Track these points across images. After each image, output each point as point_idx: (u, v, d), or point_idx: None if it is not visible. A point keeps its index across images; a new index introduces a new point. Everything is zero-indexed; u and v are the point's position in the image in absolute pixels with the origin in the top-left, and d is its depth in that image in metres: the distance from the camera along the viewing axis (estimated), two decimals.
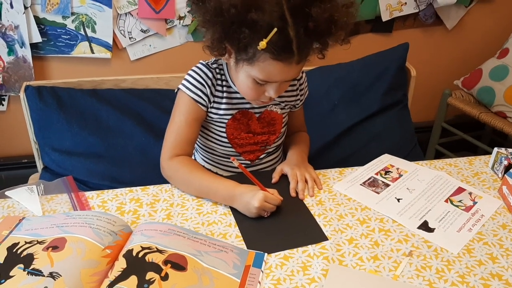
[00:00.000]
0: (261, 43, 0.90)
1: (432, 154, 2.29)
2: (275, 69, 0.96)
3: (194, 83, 1.11)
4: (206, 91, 1.11)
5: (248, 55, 0.96)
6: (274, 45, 0.91)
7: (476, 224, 1.00)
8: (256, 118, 1.18)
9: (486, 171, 1.20)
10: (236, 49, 0.98)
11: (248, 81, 1.02)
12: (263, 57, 0.95)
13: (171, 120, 1.14)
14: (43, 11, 1.71)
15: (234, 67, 1.04)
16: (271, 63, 0.95)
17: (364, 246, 0.92)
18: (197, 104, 1.11)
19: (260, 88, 1.03)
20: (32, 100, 1.46)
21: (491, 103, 2.01)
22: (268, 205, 0.98)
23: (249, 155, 1.22)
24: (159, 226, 0.90)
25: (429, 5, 2.06)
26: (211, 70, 1.12)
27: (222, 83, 1.13)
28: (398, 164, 1.22)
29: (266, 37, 0.90)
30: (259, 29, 0.91)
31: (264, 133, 1.20)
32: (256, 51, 0.94)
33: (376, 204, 1.06)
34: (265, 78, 0.99)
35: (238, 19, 0.91)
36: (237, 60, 1.01)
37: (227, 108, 1.14)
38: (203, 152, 1.25)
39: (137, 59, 1.89)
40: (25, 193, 1.03)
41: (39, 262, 0.79)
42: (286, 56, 0.94)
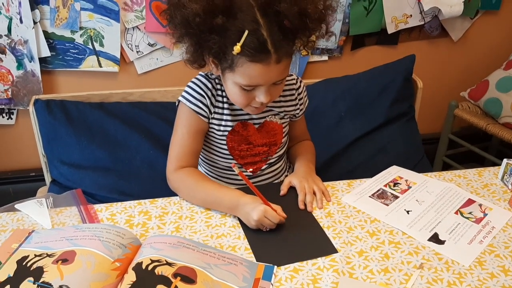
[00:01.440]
0: (235, 47, 0.92)
1: (439, 165, 2.28)
2: (255, 71, 0.96)
3: (194, 95, 1.11)
4: (206, 102, 1.11)
5: (227, 63, 0.97)
6: (248, 47, 0.92)
7: (487, 236, 1.00)
8: (255, 129, 1.18)
9: (495, 182, 1.19)
10: (215, 58, 0.99)
11: (235, 88, 1.02)
12: (241, 62, 0.95)
13: (174, 133, 1.14)
14: (52, 26, 1.73)
15: (222, 78, 1.05)
16: (249, 65, 0.95)
17: (374, 259, 0.92)
18: (198, 116, 1.12)
19: (249, 94, 1.03)
20: (41, 114, 1.47)
21: (498, 114, 2.00)
22: (266, 221, 0.97)
23: (251, 166, 1.22)
24: (168, 238, 0.90)
25: (435, 17, 2.07)
26: (211, 81, 1.12)
27: (222, 94, 1.13)
28: (406, 176, 1.21)
29: (239, 41, 0.91)
30: (230, 33, 0.92)
31: (265, 144, 1.20)
32: (234, 57, 0.95)
33: (385, 216, 1.05)
34: (248, 82, 0.99)
35: (205, 27, 0.92)
36: (221, 70, 1.02)
37: (228, 119, 1.14)
38: (206, 165, 1.26)
39: (144, 72, 1.90)
40: (34, 206, 1.03)
41: (49, 275, 0.79)
42: (263, 57, 0.94)
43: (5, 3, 1.68)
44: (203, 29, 0.93)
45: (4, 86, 1.81)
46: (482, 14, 2.17)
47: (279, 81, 1.03)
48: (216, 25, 0.92)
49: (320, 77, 1.81)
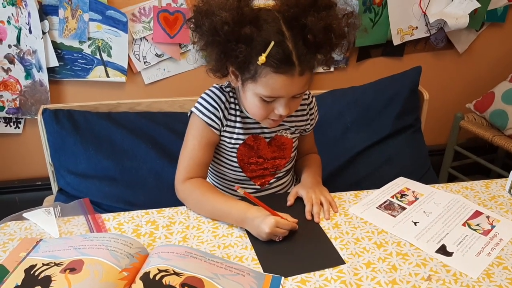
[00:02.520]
0: (260, 57, 0.92)
1: (445, 177, 2.27)
2: (278, 82, 0.97)
3: (207, 107, 1.11)
4: (219, 115, 1.11)
5: (250, 73, 0.97)
6: (273, 58, 0.93)
7: (495, 248, 0.99)
8: (266, 143, 1.18)
9: (503, 194, 1.19)
10: (238, 68, 0.99)
11: (255, 99, 1.02)
12: (264, 72, 0.96)
13: (185, 144, 1.14)
14: (60, 36, 1.75)
15: (242, 89, 1.05)
16: (273, 76, 0.96)
17: (382, 270, 0.91)
18: (210, 128, 1.12)
19: (268, 106, 1.03)
20: (49, 123, 1.48)
21: (504, 126, 2.00)
22: (279, 230, 0.97)
23: (259, 180, 1.22)
24: (176, 248, 0.90)
25: (440, 29, 2.08)
26: (224, 94, 1.13)
27: (235, 107, 1.13)
28: (414, 187, 1.21)
29: (265, 52, 0.92)
30: (256, 44, 0.93)
31: (275, 158, 1.20)
32: (258, 67, 0.95)
33: (392, 227, 1.05)
34: (270, 93, 0.99)
35: (233, 36, 0.92)
36: (242, 81, 1.02)
37: (239, 132, 1.14)
38: (215, 177, 1.26)
39: (151, 82, 1.92)
40: (42, 215, 1.03)
41: (56, 284, 0.79)
42: (287, 69, 0.95)
43: (14, 13, 1.70)
44: (230, 38, 0.93)
45: (12, 96, 1.83)
46: (488, 27, 2.18)
47: (299, 94, 1.03)
48: (244, 34, 0.92)
49: (325, 88, 1.81)
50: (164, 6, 1.78)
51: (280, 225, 0.97)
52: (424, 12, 2.00)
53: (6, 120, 1.89)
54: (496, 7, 2.11)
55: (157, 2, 1.77)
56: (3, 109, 1.85)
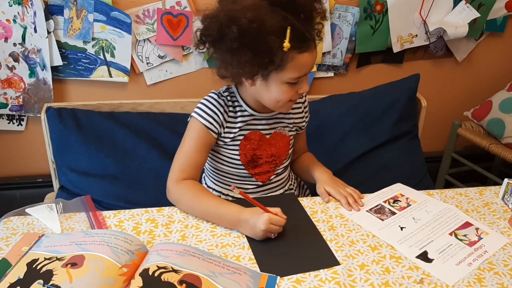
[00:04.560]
0: (285, 44, 0.97)
1: (441, 184, 2.29)
2: (305, 60, 1.03)
3: (206, 111, 1.15)
4: (217, 119, 1.15)
5: (275, 64, 1.02)
6: (294, 41, 0.98)
7: (477, 259, 0.99)
8: (266, 139, 1.22)
9: (496, 201, 1.21)
10: (261, 66, 1.02)
11: (283, 87, 1.07)
12: (291, 56, 1.01)
13: (181, 145, 1.17)
14: (65, 36, 1.77)
15: (264, 85, 1.08)
16: (299, 57, 1.02)
17: (375, 272, 0.94)
18: (208, 131, 1.15)
19: (293, 88, 1.08)
20: (52, 121, 1.50)
21: (501, 134, 2.02)
22: (274, 227, 1.00)
23: (260, 177, 1.26)
24: (175, 246, 0.92)
25: (440, 38, 2.10)
26: (222, 98, 1.17)
27: (235, 109, 1.17)
28: (408, 194, 1.23)
29: (285, 39, 0.96)
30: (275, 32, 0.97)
31: (274, 155, 1.24)
32: (283, 55, 1.00)
33: (378, 230, 1.07)
34: (299, 74, 1.05)
35: (263, 31, 0.97)
36: (265, 76, 1.05)
37: (241, 128, 1.18)
38: (215, 176, 1.28)
39: (153, 83, 1.94)
40: (44, 211, 1.05)
41: (58, 278, 0.81)
42: (307, 45, 1.02)
43: (20, 12, 1.72)
44: (261, 34, 0.97)
45: (16, 93, 1.85)
46: (487, 36, 2.20)
47: None
48: (271, 27, 0.97)
49: (325, 93, 1.84)
50: (168, 8, 1.80)
51: (274, 222, 0.99)
52: (424, 21, 2.02)
53: (9, 117, 1.91)
54: (495, 17, 2.13)
55: (161, 5, 1.79)
56: (7, 106, 1.87)
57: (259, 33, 0.97)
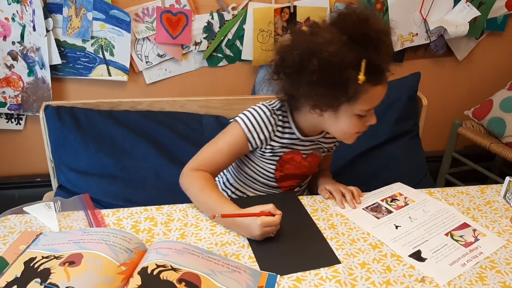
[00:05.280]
0: (360, 77, 0.98)
1: (442, 183, 2.29)
2: (378, 92, 1.05)
3: (253, 123, 1.13)
4: (261, 136, 1.13)
5: (348, 96, 1.02)
6: (369, 73, 0.98)
7: (472, 260, 0.97)
8: (303, 158, 1.22)
9: (498, 200, 1.21)
10: (337, 97, 1.03)
11: (353, 119, 1.08)
12: (364, 89, 1.01)
13: (215, 141, 1.16)
14: (64, 35, 1.77)
15: (333, 116, 1.08)
16: (372, 90, 1.03)
17: (376, 271, 0.93)
18: (246, 142, 1.14)
19: (362, 120, 1.09)
20: (51, 120, 1.49)
21: (502, 134, 2.02)
22: (268, 229, 0.98)
23: (285, 188, 1.27)
24: (174, 244, 0.92)
25: (440, 37, 2.10)
26: (274, 117, 1.14)
27: (284, 130, 1.16)
28: (407, 193, 1.22)
29: (360, 71, 0.97)
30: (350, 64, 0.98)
31: (305, 172, 1.26)
32: (357, 87, 1.00)
33: (372, 228, 1.07)
34: (370, 106, 1.06)
35: (342, 65, 0.98)
36: (336, 108, 1.06)
37: (284, 146, 1.18)
38: (242, 178, 1.28)
39: (152, 82, 1.93)
40: (42, 209, 1.05)
41: (55, 276, 0.80)
42: (380, 78, 1.03)
43: (19, 11, 1.71)
44: (338, 69, 0.98)
45: (14, 92, 1.84)
46: (487, 35, 2.20)
47: None
48: (350, 60, 0.97)
49: None
50: (167, 7, 1.79)
51: (267, 224, 0.98)
52: (424, 19, 2.02)
53: (7, 116, 1.91)
54: (496, 15, 2.13)
55: (160, 3, 1.79)
56: (5, 105, 1.86)
57: (338, 67, 0.98)
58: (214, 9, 1.85)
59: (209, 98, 1.66)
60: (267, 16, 1.87)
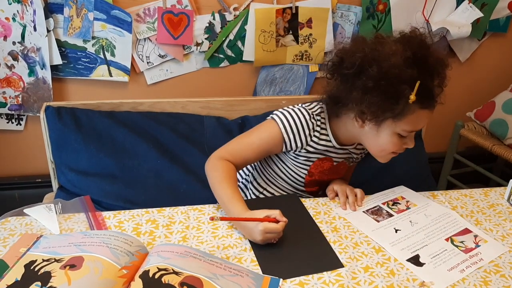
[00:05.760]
0: (411, 96, 0.99)
1: (443, 185, 2.28)
2: (423, 117, 1.05)
3: (291, 124, 1.13)
4: (297, 139, 1.14)
5: (394, 112, 1.03)
6: (420, 95, 1.00)
7: (471, 266, 0.97)
8: (333, 166, 1.24)
9: (501, 202, 1.20)
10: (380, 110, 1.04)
11: (394, 137, 1.08)
12: (412, 109, 1.03)
13: (249, 134, 1.17)
14: (64, 35, 1.76)
15: (374, 130, 1.09)
16: (420, 112, 1.04)
17: (379, 275, 0.92)
18: (282, 142, 1.14)
19: (401, 141, 1.10)
20: (51, 120, 1.48)
21: (504, 135, 2.01)
22: (270, 236, 0.97)
23: (310, 190, 1.28)
24: (176, 248, 0.91)
25: (443, 38, 2.09)
26: (313, 121, 1.15)
27: (320, 136, 1.17)
28: (409, 197, 1.21)
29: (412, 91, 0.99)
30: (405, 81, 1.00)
31: (332, 178, 1.27)
32: (406, 106, 1.01)
33: (372, 231, 1.06)
34: (412, 128, 1.07)
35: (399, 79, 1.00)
36: (379, 121, 1.07)
37: (316, 154, 1.19)
38: (271, 178, 1.28)
39: (153, 83, 1.92)
40: (43, 211, 1.04)
41: (56, 280, 0.80)
42: (430, 103, 1.04)
43: (20, 10, 1.71)
44: (394, 82, 1.00)
45: (15, 92, 1.83)
46: (490, 36, 2.19)
47: None
48: (408, 76, 0.99)
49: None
50: (168, 7, 1.78)
51: (270, 231, 0.97)
52: (427, 20, 2.01)
53: (8, 116, 1.90)
54: (498, 17, 2.12)
55: (162, 3, 1.78)
56: (6, 106, 1.85)
57: (395, 79, 0.99)
58: (215, 10, 1.84)
59: (210, 99, 1.66)
60: (269, 17, 1.86)
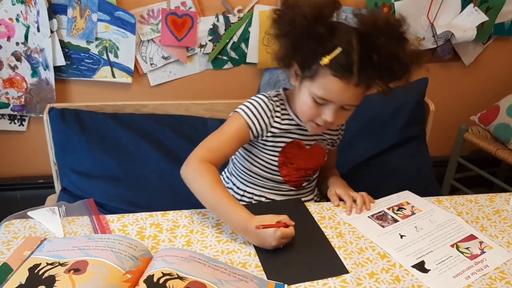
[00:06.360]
0: (324, 58, 0.98)
1: (447, 189, 2.27)
2: (334, 86, 1.01)
3: (253, 111, 1.14)
4: (262, 122, 1.14)
5: (311, 72, 1.03)
6: (336, 62, 0.98)
7: (476, 273, 0.95)
8: (306, 149, 1.22)
9: (507, 208, 1.19)
10: (300, 66, 1.05)
11: (308, 99, 1.07)
12: (323, 73, 1.01)
13: (220, 130, 1.15)
14: (68, 36, 1.76)
15: (298, 88, 1.10)
16: (330, 79, 1.01)
17: (385, 281, 0.91)
18: (248, 130, 1.14)
19: (317, 108, 1.07)
20: (55, 122, 1.48)
21: (508, 140, 2.00)
22: (284, 241, 0.98)
23: (293, 183, 1.25)
24: (180, 252, 0.90)
25: (447, 41, 2.08)
26: (272, 103, 1.16)
27: (283, 116, 1.17)
28: (414, 202, 1.20)
29: (330, 54, 0.98)
30: (324, 46, 0.99)
31: (310, 165, 1.25)
32: (319, 67, 1.00)
33: (377, 237, 1.05)
34: (323, 95, 1.03)
35: (306, 32, 0.99)
36: (301, 79, 1.08)
37: (284, 136, 1.18)
38: (248, 177, 1.26)
39: (157, 84, 1.92)
40: (47, 214, 1.03)
41: (60, 284, 0.79)
42: (345, 75, 1.00)
43: (23, 11, 1.70)
44: (304, 33, 0.99)
45: (18, 93, 1.83)
46: (494, 40, 2.18)
47: (349, 105, 1.07)
48: (317, 33, 0.98)
49: None
50: (172, 9, 1.78)
51: (285, 236, 0.97)
52: (431, 24, 2.00)
53: (10, 117, 1.90)
54: (503, 20, 2.11)
55: (166, 5, 1.77)
56: (8, 106, 1.85)
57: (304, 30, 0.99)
58: (219, 12, 1.84)
59: (214, 102, 1.65)
60: None
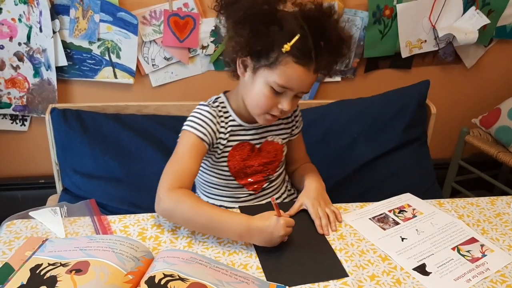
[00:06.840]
0: (285, 45, 0.97)
1: (448, 191, 2.27)
2: (296, 73, 1.01)
3: (199, 122, 1.12)
4: (210, 130, 1.12)
5: (269, 60, 1.01)
6: (296, 49, 0.98)
7: (477, 276, 0.96)
8: (256, 149, 1.20)
9: (508, 211, 1.19)
10: (255, 54, 1.03)
11: (265, 89, 1.04)
12: (285, 60, 1.00)
13: (173, 155, 1.11)
14: (70, 36, 1.76)
15: (250, 79, 1.07)
16: (293, 66, 1.00)
17: (386, 284, 0.91)
18: (201, 141, 1.11)
19: (274, 98, 1.05)
20: (56, 122, 1.48)
21: (509, 142, 2.00)
22: (289, 230, 0.99)
23: (251, 186, 1.23)
24: (181, 253, 0.90)
25: (449, 44, 2.08)
26: (214, 109, 1.14)
27: (227, 119, 1.16)
28: (415, 205, 1.20)
29: (289, 42, 0.97)
30: (282, 33, 0.98)
31: (265, 163, 1.22)
32: (279, 55, 0.99)
33: (378, 239, 1.05)
34: (284, 83, 1.02)
35: (270, 16, 0.99)
36: (255, 69, 1.05)
37: (231, 140, 1.16)
38: (207, 188, 1.25)
39: (158, 85, 1.92)
40: (48, 214, 1.03)
41: (62, 284, 0.80)
42: (306, 61, 1.00)
43: (26, 11, 1.71)
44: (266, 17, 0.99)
45: (19, 93, 1.83)
46: (496, 43, 2.18)
47: (302, 93, 1.07)
48: (279, 18, 0.99)
49: (332, 98, 1.81)
50: (175, 10, 1.78)
51: (289, 224, 0.99)
52: (433, 26, 2.00)
53: (12, 117, 1.90)
54: (505, 23, 2.11)
55: (168, 6, 1.77)
56: (10, 106, 1.85)
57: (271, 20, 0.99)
58: None
59: None
60: None
